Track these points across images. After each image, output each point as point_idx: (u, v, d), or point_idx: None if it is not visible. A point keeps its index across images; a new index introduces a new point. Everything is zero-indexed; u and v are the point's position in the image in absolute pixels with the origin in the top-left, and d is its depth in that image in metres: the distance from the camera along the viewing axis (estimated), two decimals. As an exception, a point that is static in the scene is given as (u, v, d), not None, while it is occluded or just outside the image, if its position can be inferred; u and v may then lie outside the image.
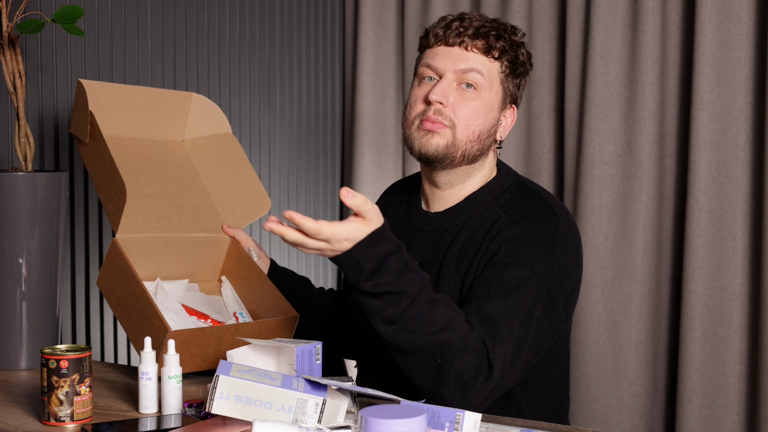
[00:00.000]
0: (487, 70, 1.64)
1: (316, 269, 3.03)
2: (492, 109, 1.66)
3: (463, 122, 1.63)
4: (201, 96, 2.03)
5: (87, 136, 1.83)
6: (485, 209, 1.66)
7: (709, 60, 2.53)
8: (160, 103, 1.98)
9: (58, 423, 1.46)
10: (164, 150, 1.99)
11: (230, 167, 2.01)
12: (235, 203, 1.99)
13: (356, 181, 3.05)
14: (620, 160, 2.69)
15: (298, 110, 2.92)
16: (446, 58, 1.64)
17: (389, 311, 1.45)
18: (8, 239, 1.80)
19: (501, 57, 1.65)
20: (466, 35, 1.63)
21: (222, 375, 1.34)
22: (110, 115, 1.89)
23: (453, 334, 1.47)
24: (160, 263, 1.86)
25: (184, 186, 1.95)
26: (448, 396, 1.49)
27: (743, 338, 2.54)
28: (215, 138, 2.03)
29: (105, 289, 1.79)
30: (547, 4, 2.85)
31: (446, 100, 1.63)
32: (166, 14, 2.42)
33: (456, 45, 1.64)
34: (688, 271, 2.56)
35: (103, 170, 1.81)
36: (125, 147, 1.91)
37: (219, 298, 1.93)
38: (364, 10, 3.04)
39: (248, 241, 1.94)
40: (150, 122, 1.97)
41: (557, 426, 1.45)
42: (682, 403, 2.57)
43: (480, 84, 1.64)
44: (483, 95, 1.64)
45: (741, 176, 2.53)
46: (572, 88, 2.78)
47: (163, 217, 1.86)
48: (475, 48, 1.64)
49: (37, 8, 2.03)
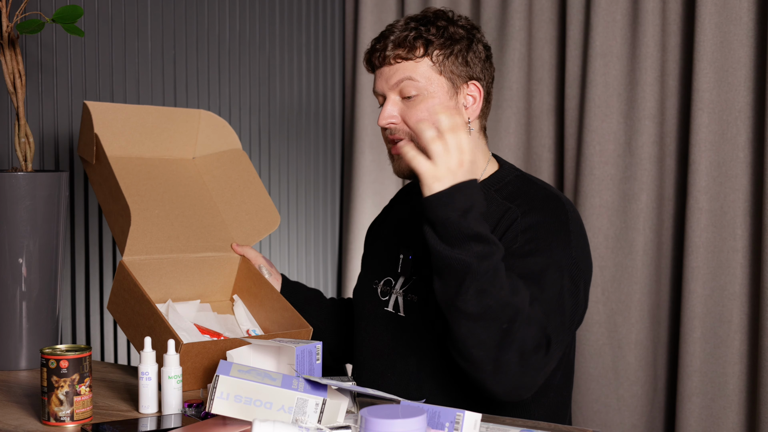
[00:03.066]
0: (418, 72, 1.65)
1: (316, 285, 3.03)
2: (443, 103, 1.66)
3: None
4: (210, 113, 2.02)
5: (93, 157, 1.83)
6: (490, 201, 1.67)
7: (709, 60, 2.53)
8: (169, 121, 1.97)
9: (58, 423, 1.46)
10: (175, 169, 1.99)
11: (240, 183, 2.01)
12: (245, 220, 1.98)
13: (356, 181, 3.05)
14: (620, 160, 2.69)
15: (298, 110, 2.92)
16: (380, 80, 1.68)
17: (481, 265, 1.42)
18: (8, 239, 1.80)
19: (426, 52, 1.65)
20: (386, 51, 1.66)
21: (222, 375, 1.34)
22: (118, 135, 1.88)
23: (521, 301, 1.45)
24: (170, 284, 1.86)
25: (194, 205, 1.95)
26: (506, 367, 1.45)
27: (743, 338, 2.54)
28: (225, 154, 2.03)
29: (115, 313, 1.78)
30: (547, 4, 2.85)
31: (393, 118, 1.66)
32: (166, 14, 2.42)
33: (384, 65, 1.67)
34: (688, 271, 2.56)
35: (109, 193, 1.81)
36: (134, 168, 1.90)
37: (231, 317, 1.92)
38: (364, 10, 3.04)
39: (258, 258, 1.94)
40: (159, 141, 1.97)
41: (557, 426, 1.45)
42: (682, 403, 2.57)
43: (418, 87, 1.65)
44: (426, 96, 1.65)
45: (741, 176, 2.53)
46: (572, 89, 2.78)
47: (171, 237, 1.86)
48: (398, 59, 1.66)
49: (37, 8, 2.03)
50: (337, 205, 3.14)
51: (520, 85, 2.85)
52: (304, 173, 2.96)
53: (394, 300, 1.72)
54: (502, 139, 2.86)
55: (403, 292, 1.71)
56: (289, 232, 2.89)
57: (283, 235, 2.86)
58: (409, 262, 1.71)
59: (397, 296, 1.72)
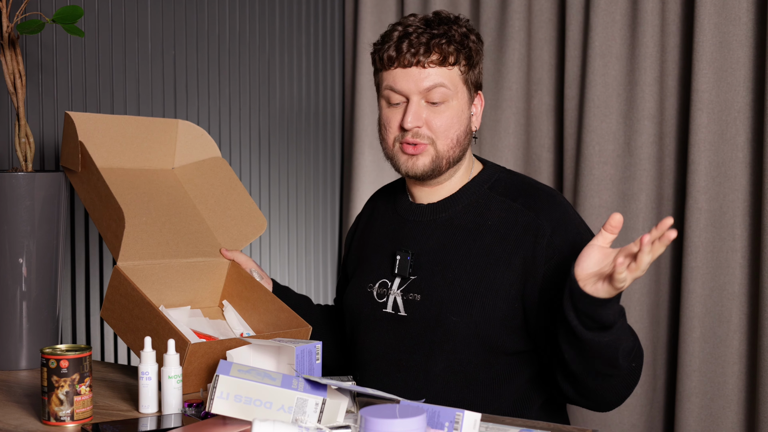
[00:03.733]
0: (449, 80, 1.68)
1: (316, 285, 3.03)
2: (463, 111, 1.71)
3: (442, 134, 1.68)
4: (188, 122, 2.03)
5: (79, 165, 1.83)
6: (488, 198, 1.72)
7: (709, 60, 2.53)
8: (147, 131, 1.98)
9: (58, 423, 1.46)
10: (155, 179, 1.99)
11: (222, 191, 2.02)
12: (231, 226, 1.99)
13: (356, 181, 3.05)
14: (619, 161, 2.70)
15: (297, 110, 2.92)
16: (407, 80, 1.67)
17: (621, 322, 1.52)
18: (8, 239, 1.81)
19: (457, 61, 1.68)
20: (420, 54, 1.65)
21: (222, 375, 1.34)
22: (99, 146, 1.89)
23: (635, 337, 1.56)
24: (162, 290, 1.86)
25: (178, 213, 1.95)
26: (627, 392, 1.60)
27: (742, 338, 2.55)
28: (205, 163, 2.04)
29: (111, 319, 1.77)
30: (546, 4, 2.85)
31: (420, 121, 1.67)
32: (166, 14, 2.42)
33: (413, 65, 1.67)
34: (687, 271, 2.57)
35: (99, 199, 1.81)
36: (117, 177, 1.90)
37: (223, 322, 1.92)
38: (364, 10, 3.05)
39: (249, 262, 1.95)
40: (139, 152, 1.98)
41: (557, 426, 1.45)
42: (682, 402, 2.58)
43: (446, 95, 1.67)
44: (452, 104, 1.68)
45: (740, 176, 2.53)
46: (571, 89, 2.78)
47: (161, 243, 1.86)
48: (431, 64, 1.66)
49: (37, 8, 2.03)
50: (336, 205, 3.14)
51: (520, 86, 2.86)
52: (304, 173, 2.96)
53: (393, 300, 1.73)
54: (502, 139, 2.86)
55: (401, 292, 1.72)
56: (289, 232, 2.90)
57: (282, 236, 2.87)
58: (408, 262, 1.72)
59: (395, 296, 1.73)
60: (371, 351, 1.76)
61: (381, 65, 1.71)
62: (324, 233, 3.07)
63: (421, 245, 1.73)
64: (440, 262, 1.69)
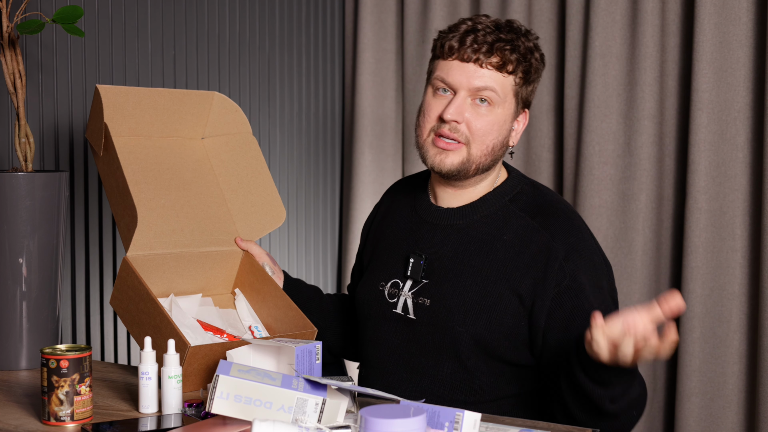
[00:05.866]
0: (501, 86, 1.66)
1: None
2: (506, 122, 1.69)
3: (479, 138, 1.66)
4: (223, 96, 2.00)
5: (101, 149, 1.83)
6: (505, 211, 1.70)
7: (709, 60, 2.53)
8: (180, 103, 1.96)
9: (58, 423, 1.46)
10: (182, 151, 1.97)
11: (248, 171, 2.00)
12: (251, 213, 1.98)
13: (356, 181, 3.05)
14: (619, 161, 2.70)
15: (298, 110, 2.92)
16: (461, 74, 1.65)
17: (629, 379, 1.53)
18: (8, 239, 1.81)
19: (515, 71, 1.66)
20: (481, 52, 1.64)
21: (222, 375, 1.34)
22: (128, 118, 1.87)
23: (641, 386, 1.57)
24: (173, 279, 1.85)
25: (200, 193, 1.94)
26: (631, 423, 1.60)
27: (742, 338, 2.55)
28: (235, 137, 2.01)
29: (119, 308, 1.78)
30: (546, 4, 2.85)
31: (461, 117, 1.65)
32: (166, 14, 2.42)
33: (471, 61, 1.65)
34: (687, 271, 2.57)
35: (117, 187, 1.81)
36: (142, 152, 1.89)
37: (233, 312, 1.92)
38: (364, 10, 3.05)
39: (262, 255, 1.94)
40: (169, 123, 1.95)
41: (557, 426, 1.45)
42: (682, 402, 2.58)
43: (494, 100, 1.66)
44: (497, 110, 1.66)
45: (740, 176, 2.53)
46: (572, 89, 2.78)
47: (176, 230, 1.86)
48: (489, 65, 1.65)
49: (37, 8, 2.03)
50: (336, 205, 3.14)
51: (520, 86, 2.85)
52: (304, 173, 2.96)
53: (403, 302, 1.73)
54: (502, 139, 2.86)
55: (412, 295, 1.72)
56: (289, 231, 2.90)
57: (283, 235, 2.87)
58: (421, 266, 1.72)
59: (405, 299, 1.73)
60: (379, 349, 1.76)
61: (440, 53, 1.69)
62: (324, 233, 3.07)
63: (435, 250, 1.72)
64: (452, 270, 1.69)
